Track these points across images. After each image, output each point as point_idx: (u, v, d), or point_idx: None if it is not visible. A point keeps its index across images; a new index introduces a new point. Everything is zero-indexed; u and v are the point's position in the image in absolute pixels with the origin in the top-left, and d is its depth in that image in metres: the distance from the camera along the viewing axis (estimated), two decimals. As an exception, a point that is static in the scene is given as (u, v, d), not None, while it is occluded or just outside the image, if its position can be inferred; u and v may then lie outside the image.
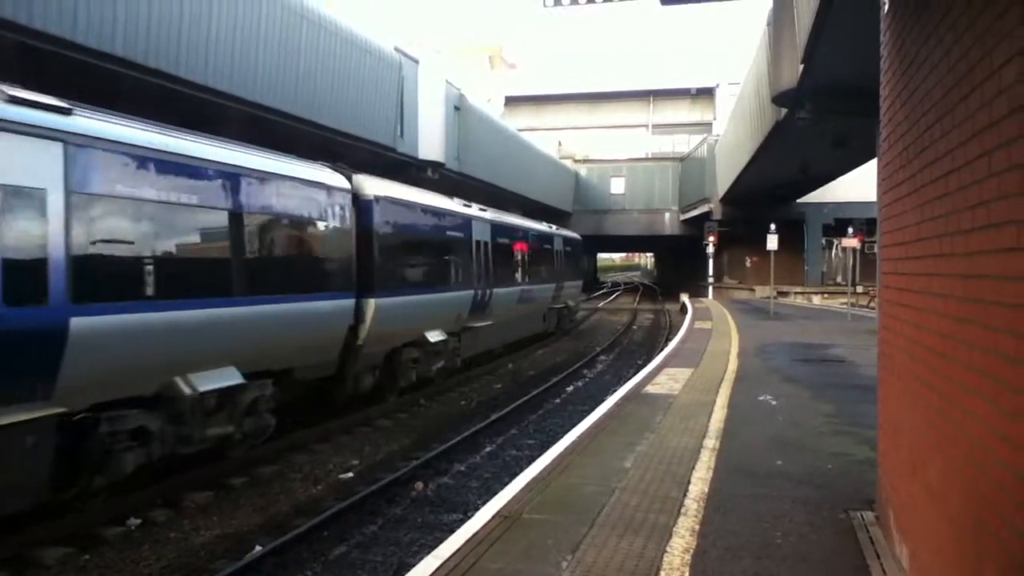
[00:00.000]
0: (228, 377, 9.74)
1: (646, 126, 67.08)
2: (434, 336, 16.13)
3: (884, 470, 6.35)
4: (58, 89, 8.17)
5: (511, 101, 64.08)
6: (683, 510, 6.52)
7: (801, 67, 20.51)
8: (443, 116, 29.82)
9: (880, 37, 6.37)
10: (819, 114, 23.55)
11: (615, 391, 17.04)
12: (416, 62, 27.95)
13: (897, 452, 5.76)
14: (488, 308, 19.68)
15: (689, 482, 7.36)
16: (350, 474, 10.74)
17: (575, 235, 33.97)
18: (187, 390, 9.05)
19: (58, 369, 7.26)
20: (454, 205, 18.47)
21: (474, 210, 19.86)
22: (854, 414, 10.94)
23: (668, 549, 5.64)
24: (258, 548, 7.77)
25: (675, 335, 25.03)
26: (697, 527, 6.13)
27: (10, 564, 7.20)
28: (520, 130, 47.34)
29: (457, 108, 32.25)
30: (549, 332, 28.50)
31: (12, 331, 6.75)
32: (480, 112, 36.84)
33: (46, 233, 7.25)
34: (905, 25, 5.45)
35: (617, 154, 60.94)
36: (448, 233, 17.33)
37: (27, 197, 7.12)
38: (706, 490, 7.11)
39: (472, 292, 18.43)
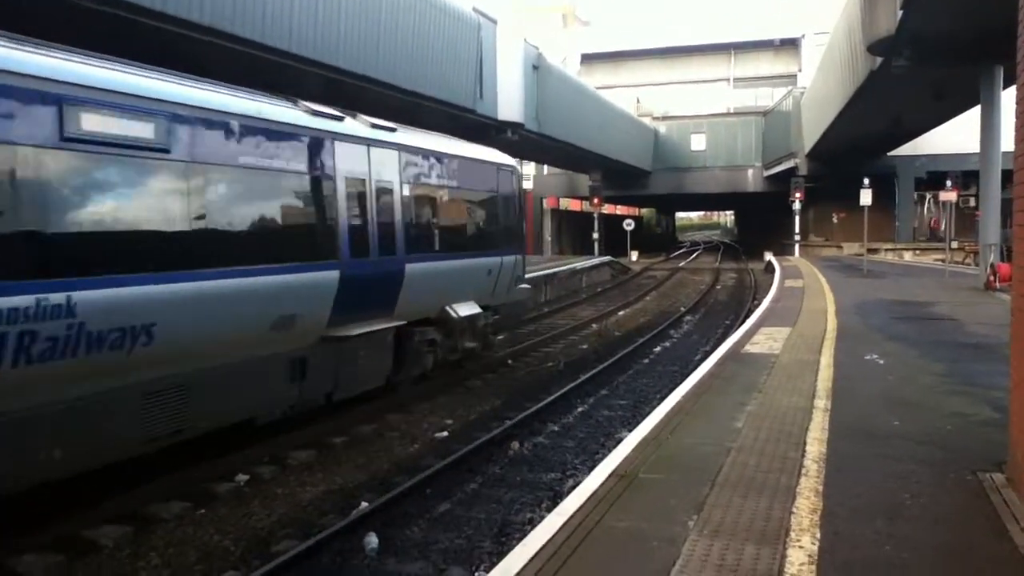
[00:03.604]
0: None
1: (727, 80, 65.38)
2: None
3: (1019, 431, 6.00)
4: (149, 60, 8.22)
5: (587, 59, 63.20)
6: (803, 471, 6.31)
7: (900, 12, 19.56)
8: (521, 76, 29.50)
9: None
10: (918, 62, 22.50)
11: (704, 350, 16.88)
12: (494, 22, 27.66)
13: (1037, 411, 5.43)
14: None
15: (805, 442, 7.11)
16: (445, 433, 10.79)
17: (486, 153, 15.10)
18: None
19: None
20: None
21: None
22: (968, 373, 10.48)
23: (794, 510, 5.45)
24: (364, 504, 7.86)
25: (761, 295, 24.52)
26: (820, 488, 5.91)
27: (132, 519, 7.43)
28: (597, 88, 46.65)
29: (535, 67, 31.89)
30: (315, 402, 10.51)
31: None
32: (558, 71, 36.36)
33: None
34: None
35: (697, 110, 59.54)
36: None
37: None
38: (824, 451, 6.86)
39: None
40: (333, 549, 6.81)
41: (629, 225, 49.38)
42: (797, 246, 45.25)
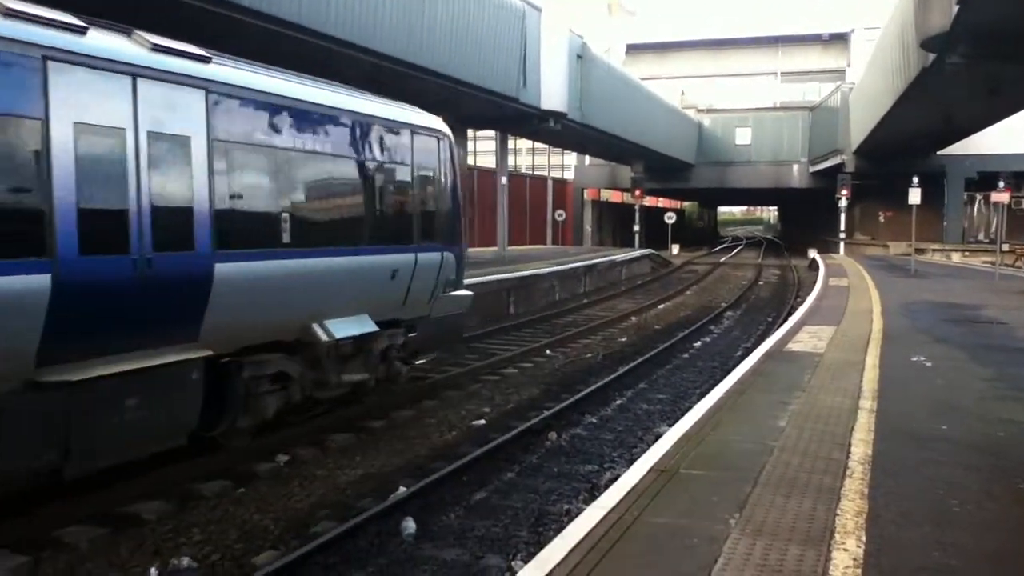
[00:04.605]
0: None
1: (774, 74, 64.50)
2: None
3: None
4: (182, 39, 8.15)
5: (632, 49, 62.68)
6: (848, 472, 6.20)
7: (956, 8, 19.07)
8: (565, 65, 29.37)
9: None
10: (973, 59, 21.92)
11: (745, 347, 16.70)
12: (539, 10, 27.57)
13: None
14: None
15: (850, 444, 6.99)
16: (482, 421, 10.79)
17: (393, 110, 10.79)
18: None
19: None
20: None
21: None
22: (1018, 379, 10.26)
23: (839, 512, 5.35)
24: (402, 489, 7.88)
25: (805, 293, 24.20)
26: (866, 490, 5.80)
27: (174, 496, 7.54)
28: (641, 79, 46.33)
29: (579, 57, 31.75)
30: None
31: None
32: (602, 61, 36.16)
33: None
34: None
35: (743, 103, 58.85)
36: None
37: None
38: (869, 452, 6.74)
39: None
40: (371, 532, 6.85)
41: (671, 218, 49.00)
42: (842, 244, 44.56)
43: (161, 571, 6.16)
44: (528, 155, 56.90)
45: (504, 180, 33.45)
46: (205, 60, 7.71)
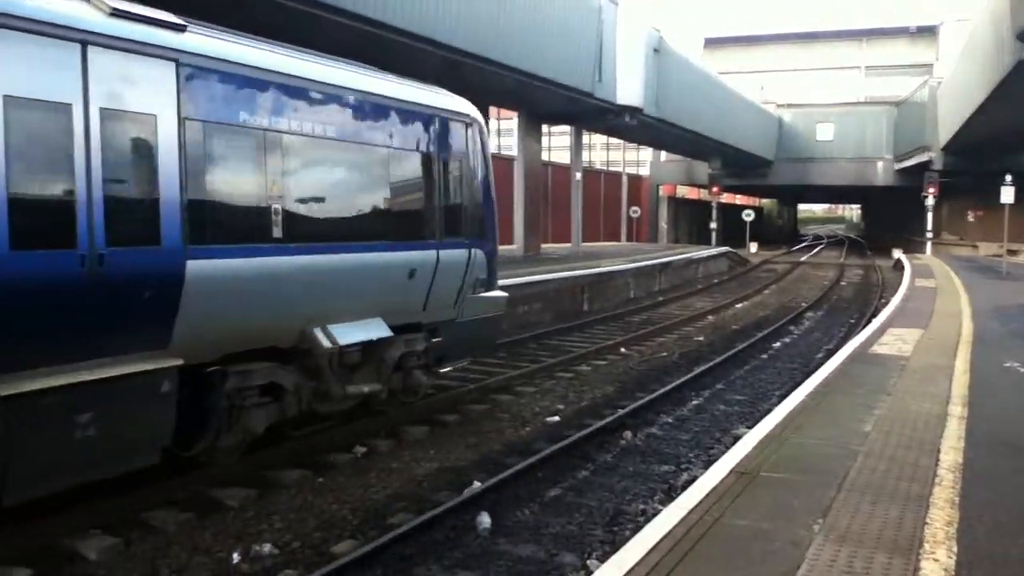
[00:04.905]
0: None
1: (858, 67, 62.70)
2: None
3: None
4: (261, 33, 8.13)
5: (710, 43, 61.82)
6: (937, 480, 5.98)
7: (1058, -6, 18.23)
8: (642, 59, 29.12)
9: None
10: (1075, 49, 20.93)
11: (827, 349, 16.29)
12: (616, 4, 27.38)
13: None
14: None
15: (939, 451, 6.75)
16: (556, 418, 10.77)
17: (414, 91, 9.50)
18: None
19: None
20: None
21: None
22: (1121, 387, 9.74)
23: (928, 520, 5.17)
24: (477, 484, 7.92)
25: (889, 294, 23.51)
26: (956, 499, 5.59)
27: (254, 483, 7.74)
28: (720, 73, 45.64)
29: (656, 51, 31.45)
30: None
31: None
32: (679, 55, 35.71)
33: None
34: None
35: (825, 98, 57.36)
36: None
37: None
38: (960, 460, 6.49)
39: None
40: (446, 525, 6.90)
41: (749, 216, 48.14)
42: (929, 244, 43.10)
43: (243, 556, 6.32)
44: (603, 151, 56.59)
45: (578, 176, 33.33)
46: (179, 28, 6.68)
